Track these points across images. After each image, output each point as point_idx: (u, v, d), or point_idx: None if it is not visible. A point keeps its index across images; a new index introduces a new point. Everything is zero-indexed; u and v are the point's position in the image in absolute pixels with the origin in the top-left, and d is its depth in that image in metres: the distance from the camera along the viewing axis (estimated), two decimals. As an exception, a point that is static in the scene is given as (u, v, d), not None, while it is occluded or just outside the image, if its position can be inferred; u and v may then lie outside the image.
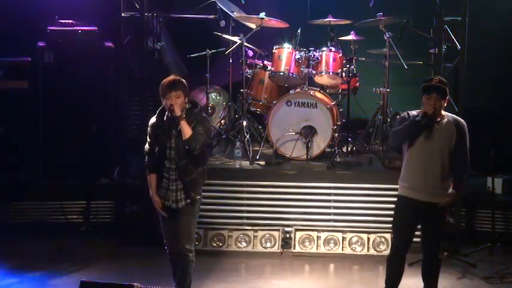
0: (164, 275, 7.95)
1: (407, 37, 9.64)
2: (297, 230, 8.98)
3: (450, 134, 6.96)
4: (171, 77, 7.00)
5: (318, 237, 8.95)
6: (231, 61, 9.92)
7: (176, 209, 7.05)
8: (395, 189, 7.25)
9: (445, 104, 6.98)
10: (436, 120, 6.95)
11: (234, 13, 10.00)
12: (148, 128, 7.17)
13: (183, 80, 6.99)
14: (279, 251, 8.94)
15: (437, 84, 6.91)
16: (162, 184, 7.07)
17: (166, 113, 6.97)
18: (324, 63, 9.80)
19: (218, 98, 10.70)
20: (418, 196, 6.97)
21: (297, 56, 9.80)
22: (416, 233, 7.17)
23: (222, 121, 10.39)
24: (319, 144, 9.56)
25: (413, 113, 7.00)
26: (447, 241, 8.68)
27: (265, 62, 10.05)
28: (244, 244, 8.96)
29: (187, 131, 6.85)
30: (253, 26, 9.89)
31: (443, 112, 7.01)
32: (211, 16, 10.01)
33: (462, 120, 7.08)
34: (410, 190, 7.01)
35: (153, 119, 7.17)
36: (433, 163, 6.93)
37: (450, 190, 6.98)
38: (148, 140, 7.16)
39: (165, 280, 7.73)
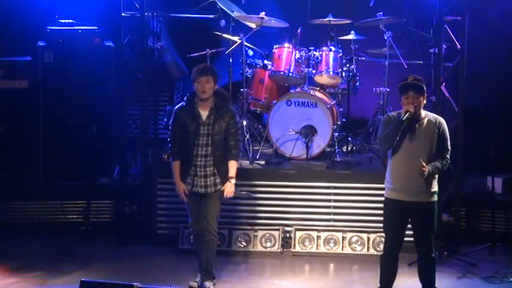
0: (164, 275, 7.97)
1: (407, 37, 9.63)
2: (297, 229, 8.98)
3: (432, 133, 7.00)
4: (204, 64, 7.74)
5: (318, 237, 8.95)
6: (231, 61, 9.91)
7: (203, 194, 7.48)
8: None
9: (424, 102, 7.01)
10: (418, 119, 6.98)
11: (234, 13, 10.00)
12: (174, 116, 7.56)
13: (214, 68, 7.60)
14: (279, 250, 8.94)
15: (412, 81, 6.97)
16: (189, 171, 7.47)
17: (196, 98, 7.45)
18: (324, 63, 9.80)
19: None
20: (404, 197, 7.01)
21: (297, 56, 9.80)
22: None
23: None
24: (319, 143, 9.56)
25: (394, 114, 7.07)
26: (447, 241, 8.69)
27: (265, 62, 10.05)
28: (244, 244, 8.96)
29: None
30: (253, 25, 9.88)
31: (423, 112, 7.05)
32: (211, 16, 10.01)
33: (442, 118, 7.11)
34: (395, 192, 7.05)
35: (181, 106, 7.57)
36: (416, 163, 6.94)
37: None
38: (173, 128, 7.55)
39: (165, 280, 7.76)
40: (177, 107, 7.65)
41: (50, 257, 8.64)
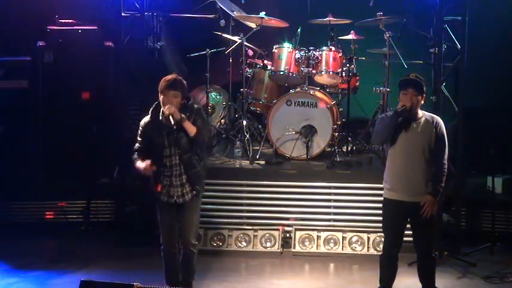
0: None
1: (407, 37, 9.63)
2: (297, 229, 8.98)
3: (429, 132, 7.01)
4: (172, 76, 7.16)
5: (318, 237, 8.96)
6: (231, 60, 9.93)
7: (180, 205, 7.18)
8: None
9: (422, 102, 7.02)
10: (415, 117, 6.99)
11: (234, 12, 10.01)
12: (140, 128, 7.26)
13: (183, 81, 7.13)
14: (279, 250, 8.94)
15: (413, 79, 7.00)
16: (164, 183, 7.17)
17: (161, 111, 7.04)
18: (324, 63, 9.81)
19: (218, 97, 10.69)
20: (402, 197, 7.02)
21: (297, 56, 9.81)
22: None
23: (222, 120, 10.40)
24: (319, 143, 9.56)
25: (391, 113, 7.08)
26: (447, 241, 8.70)
27: (265, 62, 10.06)
28: (244, 244, 8.96)
29: (191, 129, 6.99)
30: (253, 25, 9.90)
31: (420, 111, 7.06)
32: (211, 16, 10.02)
33: (439, 117, 7.12)
34: (394, 192, 7.06)
35: (146, 119, 7.25)
36: (414, 163, 6.97)
37: (427, 196, 6.98)
38: (140, 139, 7.24)
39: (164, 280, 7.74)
40: (142, 120, 7.25)
41: (50, 257, 8.65)
